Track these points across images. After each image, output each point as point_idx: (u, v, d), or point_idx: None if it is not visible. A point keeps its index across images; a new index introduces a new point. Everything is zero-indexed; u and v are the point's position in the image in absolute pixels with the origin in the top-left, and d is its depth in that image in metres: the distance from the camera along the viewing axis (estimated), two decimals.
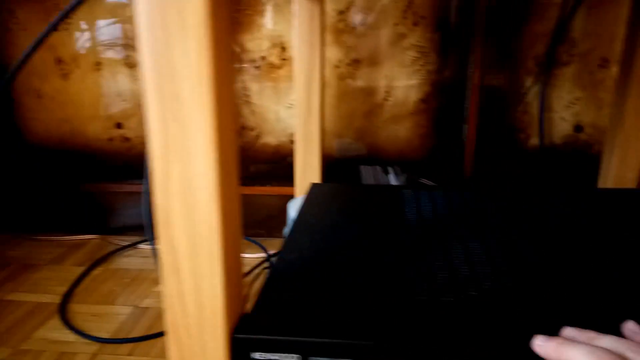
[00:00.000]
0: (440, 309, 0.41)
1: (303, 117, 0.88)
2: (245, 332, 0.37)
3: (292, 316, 0.40)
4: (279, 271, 0.48)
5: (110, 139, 1.17)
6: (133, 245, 1.15)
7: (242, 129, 1.10)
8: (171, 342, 0.37)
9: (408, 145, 1.08)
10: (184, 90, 0.31)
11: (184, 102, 0.31)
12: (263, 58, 1.07)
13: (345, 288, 0.44)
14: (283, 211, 1.12)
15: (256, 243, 1.15)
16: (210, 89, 0.30)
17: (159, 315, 0.88)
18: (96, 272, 1.05)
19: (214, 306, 0.35)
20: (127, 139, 1.16)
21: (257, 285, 0.99)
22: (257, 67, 1.07)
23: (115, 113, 1.15)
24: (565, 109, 1.02)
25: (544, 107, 1.02)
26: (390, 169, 1.00)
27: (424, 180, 1.03)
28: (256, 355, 0.37)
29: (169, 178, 0.33)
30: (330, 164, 1.12)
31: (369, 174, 0.98)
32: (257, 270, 1.04)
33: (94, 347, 0.80)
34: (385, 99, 1.05)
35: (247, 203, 1.15)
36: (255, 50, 1.07)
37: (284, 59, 1.06)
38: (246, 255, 1.11)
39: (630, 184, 0.88)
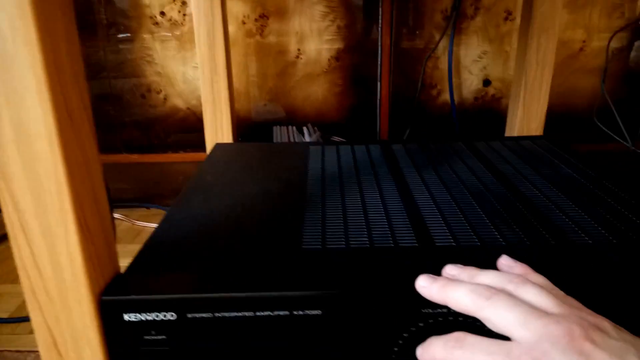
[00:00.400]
0: (328, 258, 0.40)
1: (208, 77, 0.84)
2: (114, 293, 0.34)
3: (168, 274, 0.37)
4: (161, 231, 0.45)
5: None
6: None
7: (148, 91, 1.04)
8: (32, 309, 0.33)
9: (325, 105, 1.06)
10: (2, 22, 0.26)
11: (4, 36, 0.27)
12: (163, 14, 1.00)
13: (231, 243, 0.42)
14: None
15: None
16: (33, 16, 0.26)
17: None
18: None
19: (74, 267, 0.32)
20: None
21: None
22: (157, 24, 1.01)
23: None
24: (474, 64, 1.04)
25: (452, 62, 1.03)
26: (304, 129, 0.98)
27: (336, 139, 1.03)
28: (129, 316, 0.34)
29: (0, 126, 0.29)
30: (249, 127, 1.08)
31: (282, 135, 0.96)
32: None
33: None
34: (298, 57, 1.03)
35: (162, 171, 1.10)
36: (154, 5, 0.99)
37: (185, 15, 1.00)
38: None
39: (535, 133, 0.91)
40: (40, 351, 0.34)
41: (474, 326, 0.35)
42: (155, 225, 1.06)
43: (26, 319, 0.76)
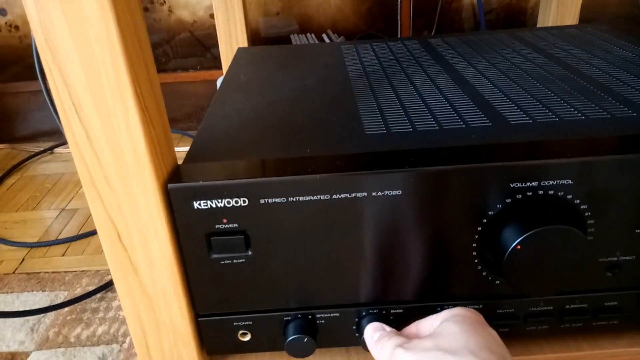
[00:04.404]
0: (396, 141, 0.36)
1: None
2: (181, 180, 0.32)
3: (232, 161, 0.34)
4: (208, 125, 0.41)
5: None
6: (49, 150, 1.04)
7: (151, 2, 0.97)
8: (92, 201, 0.31)
9: (341, 12, 0.99)
10: None
11: None
12: None
13: (288, 131, 0.39)
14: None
15: (189, 135, 1.07)
16: None
17: (88, 215, 0.80)
18: (10, 180, 0.94)
19: (136, 151, 0.29)
20: (15, 27, 0.99)
21: None
22: None
23: None
24: None
25: None
26: (324, 36, 0.92)
27: None
28: (199, 204, 0.31)
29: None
30: (261, 42, 1.02)
31: (302, 42, 0.90)
32: None
33: (21, 252, 0.73)
34: None
35: (172, 92, 1.05)
36: None
37: None
38: (178, 149, 1.03)
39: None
40: (103, 247, 0.32)
41: (562, 200, 0.32)
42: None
43: (57, 241, 0.75)
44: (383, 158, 0.33)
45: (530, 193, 0.32)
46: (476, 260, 0.35)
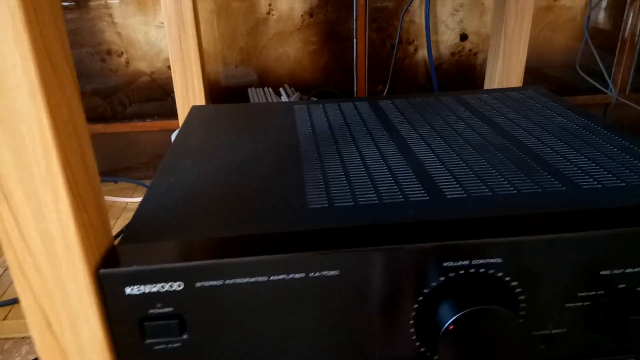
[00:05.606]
0: (338, 216, 0.37)
1: (176, 35, 0.78)
2: (113, 265, 0.31)
3: (168, 243, 0.34)
4: (150, 198, 0.41)
5: None
6: None
7: (108, 54, 0.97)
8: (21, 288, 0.30)
9: (299, 65, 1.02)
10: None
11: None
12: None
13: (231, 206, 0.39)
14: None
15: (144, 185, 1.05)
16: None
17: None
18: None
19: (66, 238, 0.29)
20: None
21: None
22: None
23: None
24: (450, 17, 1.02)
25: (429, 15, 1.00)
26: (281, 90, 0.94)
27: (315, 99, 0.99)
28: (131, 289, 0.31)
29: None
30: (219, 92, 1.03)
31: (259, 97, 0.92)
32: None
33: None
34: (269, 13, 0.97)
35: (129, 142, 1.04)
36: None
37: None
38: (132, 200, 1.01)
39: (515, 86, 0.91)
40: (32, 335, 0.31)
41: (494, 278, 0.34)
42: (126, 199, 1.01)
43: (12, 301, 0.71)
44: (322, 237, 0.34)
45: (462, 271, 0.33)
46: (414, 337, 0.35)
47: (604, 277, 0.35)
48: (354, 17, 0.98)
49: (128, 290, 0.31)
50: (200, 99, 0.83)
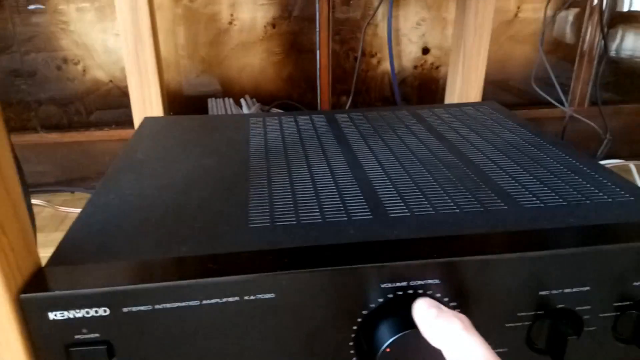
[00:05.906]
0: (278, 236, 0.37)
1: (132, 45, 0.77)
2: (36, 290, 0.30)
3: (98, 265, 0.33)
4: (86, 216, 0.40)
5: None
6: None
7: (65, 62, 0.94)
8: None
9: (263, 75, 1.01)
10: None
11: None
12: None
13: (168, 226, 0.38)
14: None
15: None
16: None
17: None
18: None
19: None
20: None
21: None
22: None
23: None
24: (413, 31, 1.03)
25: (392, 28, 1.01)
26: (242, 101, 0.93)
27: (276, 110, 0.99)
28: (54, 315, 0.30)
29: None
30: (181, 101, 1.01)
31: (219, 108, 0.91)
32: None
33: None
34: (231, 23, 0.97)
35: (86, 151, 1.01)
36: None
37: None
38: None
39: (474, 100, 0.92)
40: None
41: (433, 299, 0.33)
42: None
43: None
44: (258, 258, 0.33)
45: (401, 293, 0.33)
46: (354, 359, 0.35)
47: (543, 297, 0.35)
48: (317, 29, 0.98)
49: (51, 315, 0.29)
50: (157, 109, 0.82)
